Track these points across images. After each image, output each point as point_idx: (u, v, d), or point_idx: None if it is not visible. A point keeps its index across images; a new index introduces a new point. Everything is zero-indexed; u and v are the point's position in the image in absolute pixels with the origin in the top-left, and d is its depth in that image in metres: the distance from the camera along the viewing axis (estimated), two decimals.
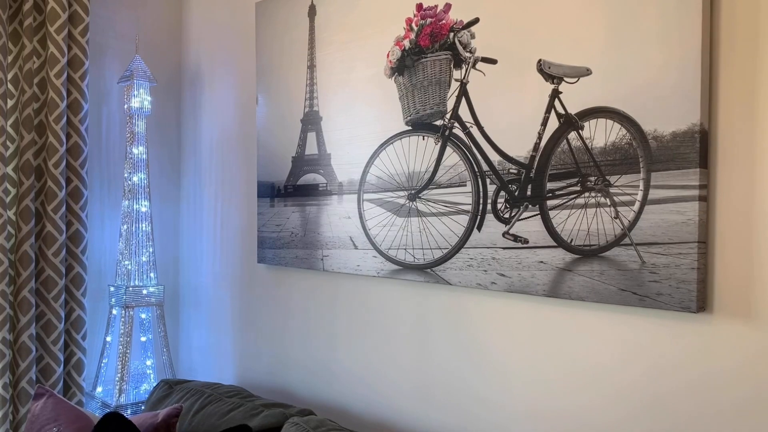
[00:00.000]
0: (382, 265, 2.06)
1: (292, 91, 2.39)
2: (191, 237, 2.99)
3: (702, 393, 1.42)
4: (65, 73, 2.55)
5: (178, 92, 3.05)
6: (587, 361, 1.61)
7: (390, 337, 2.10)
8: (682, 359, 1.45)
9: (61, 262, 2.55)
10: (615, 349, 1.56)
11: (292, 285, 2.46)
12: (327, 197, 2.26)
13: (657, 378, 1.49)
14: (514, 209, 1.71)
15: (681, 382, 1.45)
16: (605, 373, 1.58)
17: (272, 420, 2.00)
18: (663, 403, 1.48)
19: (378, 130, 2.08)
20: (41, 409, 2.09)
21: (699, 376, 1.42)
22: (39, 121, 2.55)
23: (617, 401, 1.56)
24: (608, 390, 1.57)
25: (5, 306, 2.41)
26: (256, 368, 2.62)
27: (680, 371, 1.45)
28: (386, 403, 2.11)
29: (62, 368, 2.57)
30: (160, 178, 3.01)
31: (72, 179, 2.59)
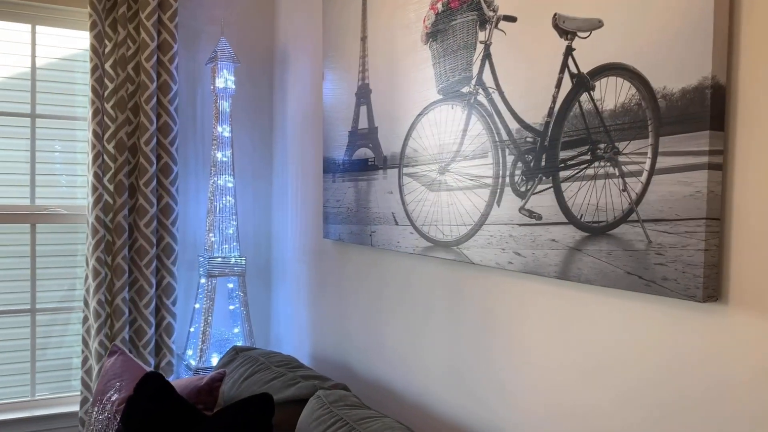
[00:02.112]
0: (417, 241, 1.98)
1: (349, 64, 2.37)
2: (280, 212, 3.09)
3: (710, 400, 1.19)
4: (155, 56, 2.74)
5: (270, 72, 3.15)
6: (595, 351, 1.42)
7: (426, 318, 2.01)
8: (689, 357, 1.22)
9: (152, 233, 2.76)
10: (620, 340, 1.36)
11: (349, 260, 2.45)
12: (374, 172, 2.22)
13: (663, 379, 1.27)
14: (530, 182, 1.55)
15: (687, 384, 1.23)
16: (610, 367, 1.38)
17: (304, 391, 2.02)
18: (664, 409, 1.27)
19: (416, 101, 1.99)
20: (111, 365, 2.29)
21: (708, 379, 1.19)
22: (134, 103, 2.77)
23: (617, 400, 1.36)
24: (609, 386, 1.38)
25: (101, 271, 2.67)
26: (325, 341, 2.66)
27: (687, 371, 1.23)
28: (422, 384, 2.03)
29: (153, 330, 2.79)
30: (253, 155, 3.14)
31: (162, 156, 2.79)
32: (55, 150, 2.82)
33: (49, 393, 2.83)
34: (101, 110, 2.67)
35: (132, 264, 2.77)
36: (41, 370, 2.82)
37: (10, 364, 2.78)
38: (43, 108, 2.79)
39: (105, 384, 2.21)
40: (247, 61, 3.10)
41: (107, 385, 2.20)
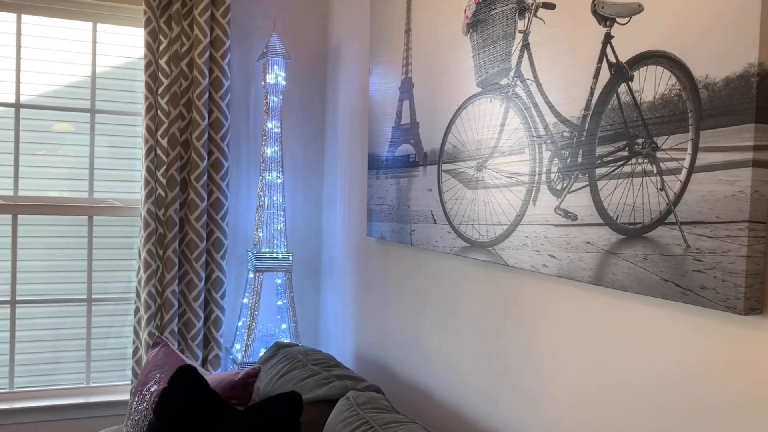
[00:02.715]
0: (454, 241, 1.91)
1: (394, 58, 2.31)
2: (330, 209, 3.07)
3: (745, 421, 1.06)
4: (208, 52, 2.77)
5: (323, 68, 3.14)
6: (628, 364, 1.31)
7: (462, 322, 1.94)
8: (728, 375, 1.10)
9: (202, 227, 2.79)
10: (655, 353, 1.25)
11: (390, 259, 2.40)
12: (415, 168, 2.15)
13: (699, 396, 1.15)
14: (566, 180, 1.45)
15: (723, 404, 1.10)
16: (642, 381, 1.27)
17: (335, 391, 1.98)
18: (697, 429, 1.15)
19: (456, 94, 1.91)
20: (154, 356, 2.32)
21: (746, 400, 1.07)
22: (187, 99, 2.81)
23: (649, 417, 1.25)
24: (641, 401, 1.27)
25: (152, 263, 2.72)
26: (368, 341, 2.62)
27: (725, 390, 1.11)
28: (457, 390, 1.95)
29: (202, 323, 2.82)
30: (305, 152, 3.13)
31: (213, 151, 2.82)
32: (114, 145, 2.90)
33: (104, 381, 2.92)
34: (154, 105, 2.73)
35: (182, 257, 2.81)
36: (97, 359, 2.91)
37: (68, 351, 2.88)
38: (102, 104, 2.88)
39: (146, 375, 2.25)
40: (299, 57, 3.09)
41: (148, 376, 2.24)
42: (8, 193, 2.77)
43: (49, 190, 2.82)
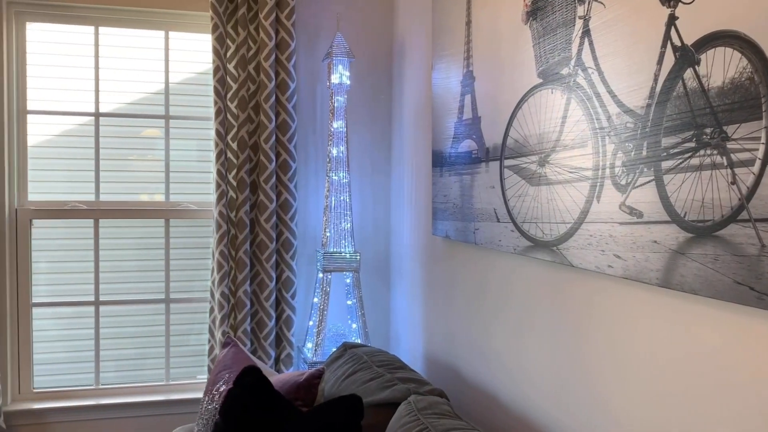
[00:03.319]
0: (517, 240, 1.83)
1: (455, 52, 2.25)
2: (398, 207, 3.03)
3: None
4: (273, 55, 2.79)
5: (388, 65, 3.11)
6: (701, 372, 1.20)
7: (528, 324, 1.85)
8: None
9: (272, 228, 2.83)
10: (728, 362, 1.13)
11: (454, 258, 2.34)
12: (477, 165, 2.08)
13: None
14: (630, 174, 1.35)
15: None
16: (713, 391, 1.16)
17: (397, 395, 1.94)
18: None
19: (517, 87, 1.83)
20: (224, 356, 2.36)
21: None
22: (255, 102, 2.84)
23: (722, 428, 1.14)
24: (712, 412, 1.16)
25: (224, 264, 2.78)
26: (435, 342, 2.57)
27: None
28: (524, 395, 1.87)
29: (274, 323, 2.86)
30: (372, 151, 3.11)
31: (281, 153, 2.84)
32: (188, 149, 2.98)
33: (183, 378, 3.01)
34: (223, 110, 2.78)
35: (253, 258, 2.85)
36: (176, 356, 3.00)
37: (148, 348, 2.98)
38: (175, 110, 2.96)
39: (216, 375, 2.29)
40: (365, 55, 3.07)
41: (218, 376, 2.28)
42: (90, 198, 2.90)
43: (127, 194, 2.93)
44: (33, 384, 2.85)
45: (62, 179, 2.87)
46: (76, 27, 2.85)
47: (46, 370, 2.88)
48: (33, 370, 2.85)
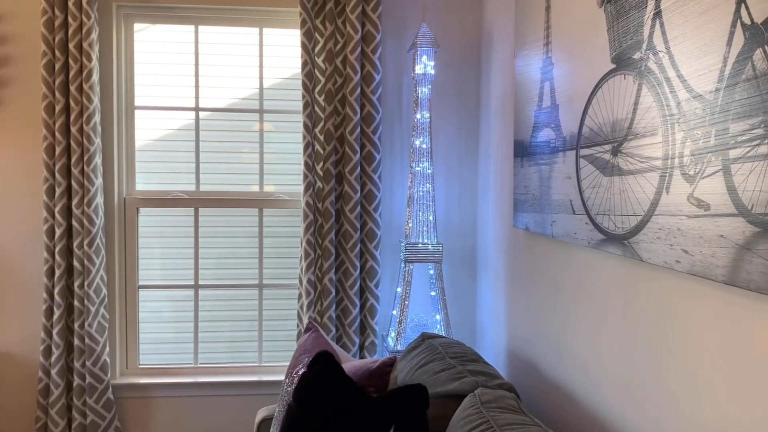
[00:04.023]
0: (591, 233, 1.76)
1: (535, 38, 2.18)
2: (484, 199, 3.00)
3: None
4: (359, 48, 2.83)
5: (476, 55, 3.06)
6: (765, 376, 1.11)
7: (601, 320, 1.78)
8: None
9: (356, 218, 2.88)
10: None
11: (534, 251, 2.28)
12: (555, 155, 2.02)
13: None
14: (699, 164, 1.27)
15: None
16: None
17: (465, 387, 1.93)
18: None
19: (592, 73, 1.76)
20: (305, 341, 2.44)
21: None
22: (341, 95, 2.90)
23: None
24: None
25: (311, 252, 2.87)
26: (517, 336, 2.52)
27: None
28: (598, 393, 1.80)
29: (358, 311, 2.92)
30: (459, 141, 3.09)
31: (366, 145, 2.88)
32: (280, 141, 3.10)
33: (275, 361, 3.14)
34: (311, 103, 2.85)
35: (339, 247, 2.92)
36: (268, 340, 3.14)
37: (243, 332, 3.14)
38: (269, 104, 3.08)
39: (296, 359, 2.37)
40: (453, 44, 3.05)
41: (298, 359, 2.36)
42: (191, 188, 3.08)
43: (225, 184, 3.09)
44: (139, 360, 3.07)
45: (166, 170, 3.07)
46: (179, 27, 3.03)
47: (151, 348, 3.10)
48: (139, 348, 3.07)
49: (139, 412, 2.99)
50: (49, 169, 2.79)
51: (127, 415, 2.98)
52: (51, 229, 2.81)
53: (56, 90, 2.75)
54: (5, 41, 2.84)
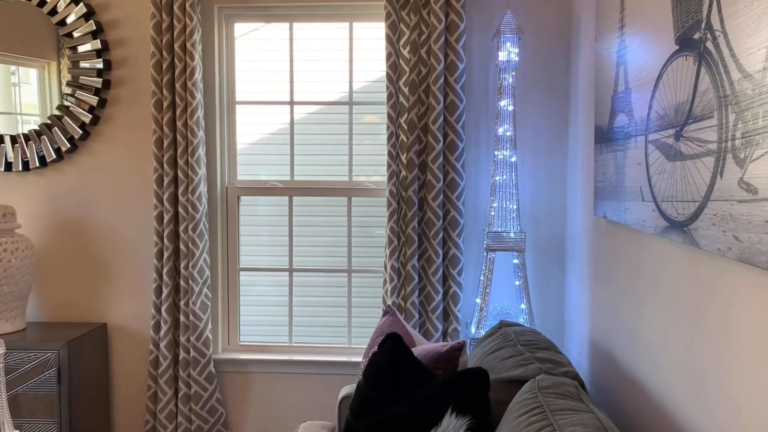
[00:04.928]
0: (657, 220, 1.71)
1: (613, 21, 2.13)
2: (572, 187, 2.94)
3: None
4: (443, 37, 2.87)
5: (565, 42, 3.00)
6: None
7: (669, 310, 1.73)
8: None
9: (439, 206, 2.93)
10: None
11: (611, 239, 2.23)
12: (627, 141, 1.97)
13: None
14: (748, 147, 1.22)
15: None
16: None
17: (529, 373, 1.93)
18: None
19: (658, 55, 1.70)
20: (382, 323, 2.53)
21: None
22: (425, 85, 2.95)
23: None
24: None
25: (394, 239, 2.95)
26: (599, 326, 2.47)
27: None
28: (666, 385, 1.75)
29: (441, 298, 2.97)
30: (547, 129, 3.04)
31: (449, 134, 2.92)
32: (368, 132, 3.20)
33: (363, 343, 3.26)
34: (395, 94, 2.93)
35: (421, 234, 2.98)
36: (357, 326, 3.26)
37: (333, 317, 3.28)
38: (358, 96, 3.19)
39: (373, 340, 2.47)
40: (540, 30, 3.01)
41: (374, 341, 2.45)
42: (286, 178, 3.25)
43: (318, 175, 3.24)
44: (239, 338, 3.30)
45: (265, 162, 3.27)
46: (274, 24, 3.20)
47: (251, 329, 3.31)
48: (240, 326, 3.30)
49: (238, 386, 3.21)
50: (158, 160, 3.06)
51: (227, 388, 3.22)
52: (160, 215, 3.08)
53: (164, 87, 3.01)
54: (120, 45, 3.14)
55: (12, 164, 3.17)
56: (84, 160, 3.21)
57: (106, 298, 3.24)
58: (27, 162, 3.17)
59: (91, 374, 3.07)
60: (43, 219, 3.23)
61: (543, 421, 1.56)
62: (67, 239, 3.23)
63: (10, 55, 3.18)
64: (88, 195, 3.21)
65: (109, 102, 3.17)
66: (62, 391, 2.85)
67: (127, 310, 3.24)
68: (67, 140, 3.14)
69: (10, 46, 3.16)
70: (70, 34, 3.10)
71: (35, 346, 2.85)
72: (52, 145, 3.15)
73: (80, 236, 3.23)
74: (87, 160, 3.21)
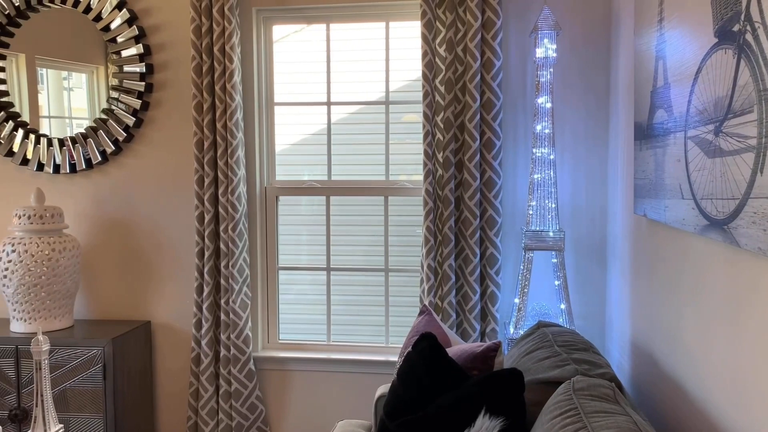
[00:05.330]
0: (697, 219, 1.66)
1: (653, 14, 2.08)
2: (613, 185, 2.88)
3: None
4: (479, 35, 2.85)
5: (604, 37, 2.94)
6: None
7: (710, 312, 1.68)
8: None
9: (476, 205, 2.91)
10: None
11: (651, 238, 2.17)
12: (667, 137, 1.92)
13: None
14: None
15: None
16: None
17: (565, 374, 1.90)
18: None
19: (697, 48, 1.66)
20: (418, 323, 2.53)
21: None
22: (462, 83, 2.93)
23: None
24: None
25: (430, 238, 2.94)
26: (639, 327, 2.42)
27: None
28: (708, 390, 1.70)
29: (478, 297, 2.94)
30: (587, 126, 2.99)
31: (485, 132, 2.89)
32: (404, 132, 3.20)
33: (400, 343, 3.26)
34: (430, 92, 2.92)
35: (458, 234, 2.96)
36: (395, 325, 3.27)
37: (371, 316, 3.29)
38: (394, 95, 3.19)
39: (409, 339, 2.47)
40: (578, 27, 2.95)
41: (410, 340, 2.45)
42: (323, 178, 3.28)
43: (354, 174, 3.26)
44: (279, 336, 3.34)
45: (302, 162, 3.30)
46: (312, 26, 3.23)
47: (290, 327, 3.35)
48: (279, 324, 3.34)
49: (277, 383, 3.25)
50: (199, 162, 3.11)
51: (266, 385, 3.26)
52: (201, 215, 3.14)
53: (204, 90, 3.06)
54: (162, 49, 3.21)
55: (60, 166, 3.27)
56: (128, 162, 3.29)
57: (149, 296, 3.32)
58: (74, 164, 3.27)
59: (135, 370, 3.15)
60: (89, 219, 3.33)
61: (577, 423, 1.53)
62: (112, 239, 3.32)
63: (62, 61, 3.29)
64: (132, 196, 3.30)
65: (151, 105, 3.25)
66: (107, 387, 2.93)
67: (170, 308, 3.31)
68: (112, 143, 3.23)
69: (62, 52, 3.27)
70: (115, 40, 3.19)
71: (82, 342, 2.94)
72: (98, 148, 3.24)
73: (125, 236, 3.32)
74: (131, 162, 3.29)
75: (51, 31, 3.26)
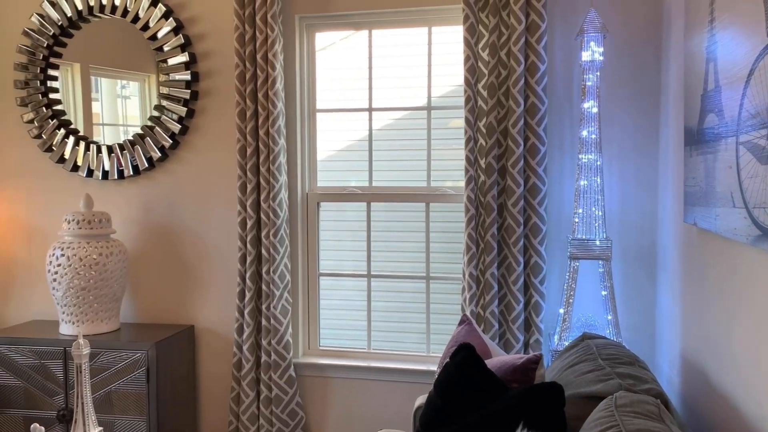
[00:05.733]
0: (749, 228, 1.57)
1: (702, 15, 1.99)
2: (664, 192, 2.78)
3: None
4: (523, 39, 2.79)
5: (656, 40, 2.84)
6: None
7: (760, 328, 1.58)
8: None
9: (519, 213, 2.84)
10: None
11: (702, 248, 2.08)
12: (717, 142, 1.83)
13: None
14: None
15: None
16: None
17: (608, 389, 1.83)
18: None
19: (750, 51, 1.57)
20: (458, 332, 2.48)
21: None
22: (505, 88, 2.88)
23: None
24: None
25: (472, 246, 2.89)
26: (689, 340, 2.31)
27: None
28: (760, 407, 1.61)
29: (522, 307, 2.87)
30: (636, 131, 2.89)
31: (529, 137, 2.83)
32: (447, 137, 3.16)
33: (441, 351, 3.21)
34: (473, 97, 2.87)
35: (501, 241, 2.90)
36: (435, 333, 3.22)
37: (412, 323, 3.25)
38: (437, 101, 3.15)
39: (448, 349, 2.42)
40: (626, 30, 2.86)
41: (448, 350, 2.41)
42: (364, 184, 3.26)
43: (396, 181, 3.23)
44: (319, 342, 3.34)
45: (344, 168, 3.29)
46: (354, 32, 3.22)
47: (330, 334, 3.34)
48: (319, 331, 3.33)
49: (317, 390, 3.24)
50: (242, 168, 3.14)
51: (306, 392, 3.25)
52: (243, 221, 3.16)
53: (247, 97, 3.09)
54: (207, 57, 3.26)
55: (108, 173, 3.35)
56: (173, 168, 3.35)
57: (193, 300, 3.36)
58: (122, 171, 3.34)
59: (178, 374, 3.19)
60: (135, 225, 3.40)
61: None
62: (157, 244, 3.38)
63: (115, 70, 3.37)
64: (177, 202, 3.35)
65: (196, 112, 3.30)
66: (150, 390, 2.97)
67: (213, 313, 3.34)
68: (158, 149, 3.29)
69: (115, 61, 3.36)
70: (161, 48, 3.25)
71: (126, 346, 2.99)
72: (145, 155, 3.30)
73: (170, 241, 3.37)
74: (176, 168, 3.34)
75: (104, 40, 3.35)
